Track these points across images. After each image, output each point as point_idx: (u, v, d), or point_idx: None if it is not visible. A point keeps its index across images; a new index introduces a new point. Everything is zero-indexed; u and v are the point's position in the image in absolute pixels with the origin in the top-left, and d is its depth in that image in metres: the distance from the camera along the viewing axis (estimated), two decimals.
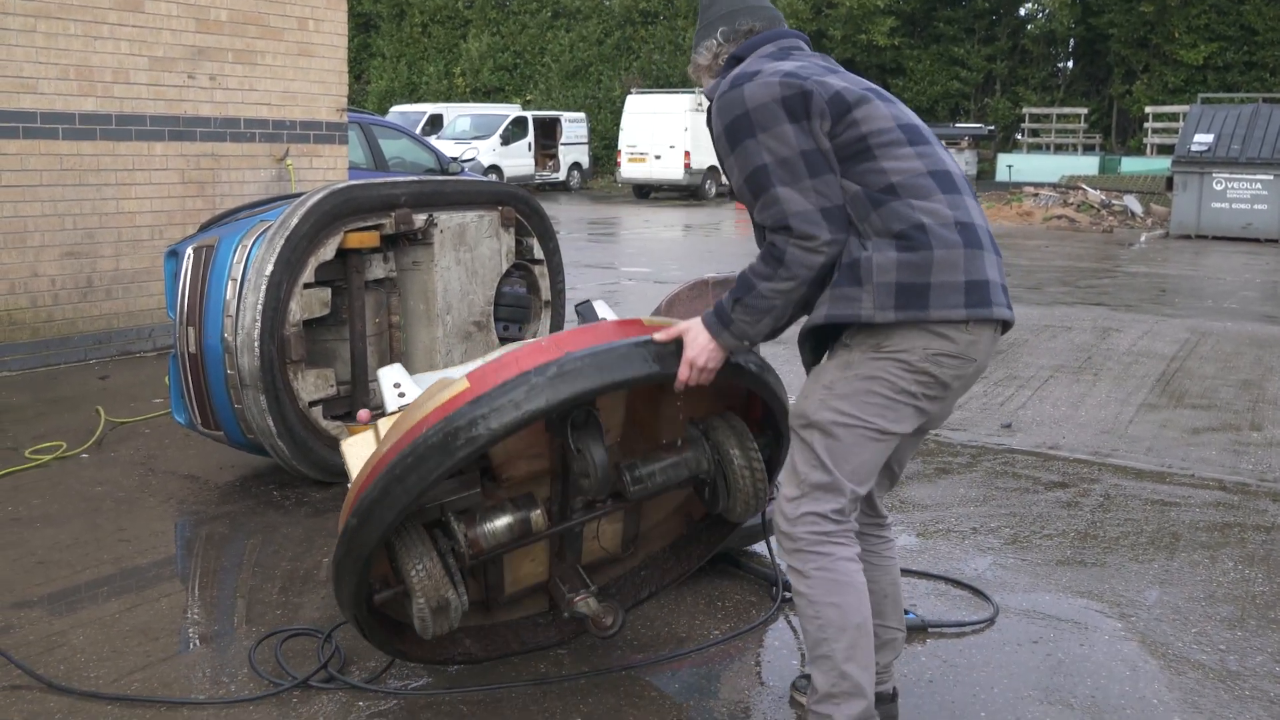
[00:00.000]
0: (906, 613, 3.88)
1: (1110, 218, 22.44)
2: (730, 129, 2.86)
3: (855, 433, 2.79)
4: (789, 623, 3.88)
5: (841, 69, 3.01)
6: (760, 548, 4.39)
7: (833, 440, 2.80)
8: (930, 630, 3.85)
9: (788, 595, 4.06)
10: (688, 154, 28.98)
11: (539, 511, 3.17)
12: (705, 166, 29.13)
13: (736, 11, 3.10)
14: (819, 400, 2.82)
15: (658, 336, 2.95)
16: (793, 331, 3.01)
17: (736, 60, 3.05)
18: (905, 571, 4.35)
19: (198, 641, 3.75)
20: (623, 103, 31.74)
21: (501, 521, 3.14)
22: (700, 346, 2.89)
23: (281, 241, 4.69)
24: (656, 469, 3.23)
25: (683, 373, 2.91)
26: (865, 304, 2.72)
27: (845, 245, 2.77)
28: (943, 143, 3.31)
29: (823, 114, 2.79)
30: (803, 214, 2.72)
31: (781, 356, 5.85)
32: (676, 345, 2.94)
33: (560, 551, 3.52)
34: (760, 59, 2.99)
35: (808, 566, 2.81)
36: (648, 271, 14.51)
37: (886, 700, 3.15)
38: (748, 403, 3.49)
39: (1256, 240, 19.50)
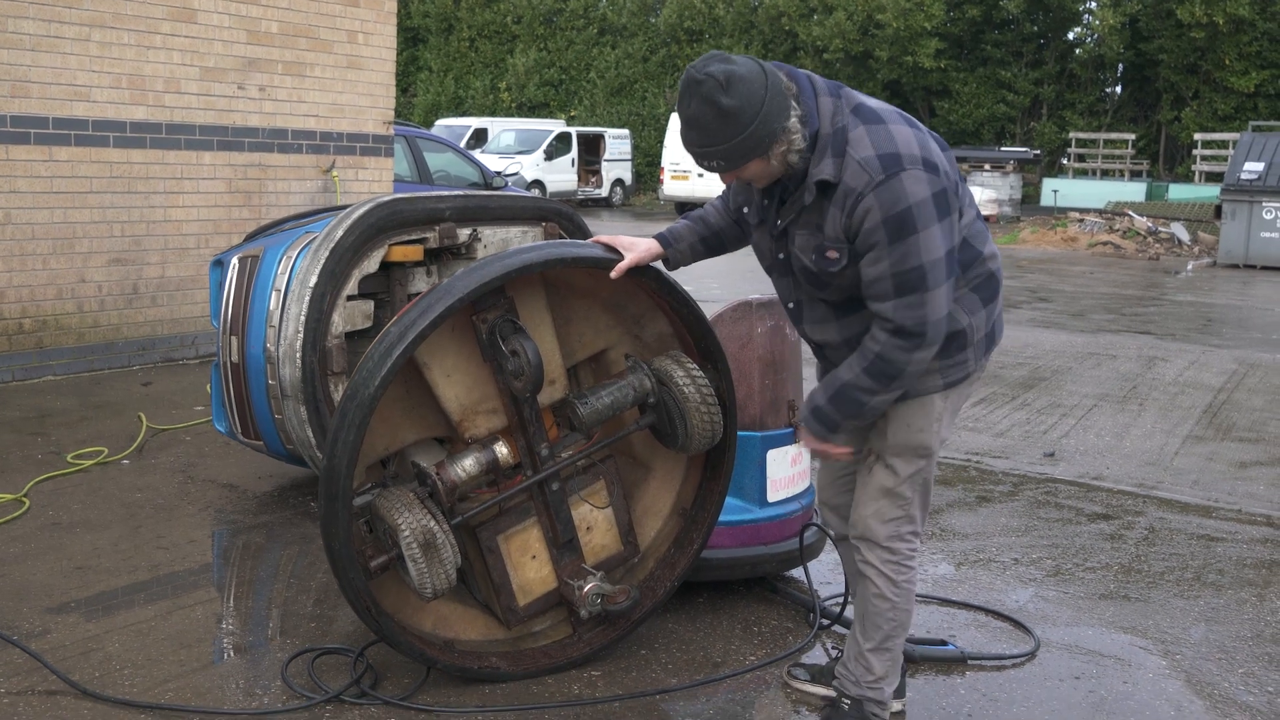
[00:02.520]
0: (945, 644, 3.84)
1: (1156, 245, 22.18)
2: (895, 223, 2.73)
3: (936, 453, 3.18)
4: (825, 649, 3.82)
5: (906, 115, 2.90)
6: (798, 573, 4.35)
7: (933, 463, 3.15)
8: (970, 662, 3.79)
9: (825, 622, 4.02)
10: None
11: (502, 444, 3.43)
12: None
13: (780, 78, 2.78)
14: (934, 433, 3.10)
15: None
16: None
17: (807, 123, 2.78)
18: (944, 601, 4.29)
19: (232, 652, 3.76)
20: (666, 120, 31.77)
21: (469, 458, 3.40)
22: (823, 447, 3.15)
23: (326, 253, 4.69)
24: (603, 392, 3.52)
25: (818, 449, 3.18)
26: (970, 362, 3.06)
27: None
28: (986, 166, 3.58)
29: (958, 209, 2.88)
30: (937, 322, 2.84)
31: None
32: (572, 242, 3.42)
33: (555, 536, 3.60)
34: (853, 120, 2.79)
35: (900, 577, 3.16)
36: (688, 289, 14.43)
37: None
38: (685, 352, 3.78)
39: None
